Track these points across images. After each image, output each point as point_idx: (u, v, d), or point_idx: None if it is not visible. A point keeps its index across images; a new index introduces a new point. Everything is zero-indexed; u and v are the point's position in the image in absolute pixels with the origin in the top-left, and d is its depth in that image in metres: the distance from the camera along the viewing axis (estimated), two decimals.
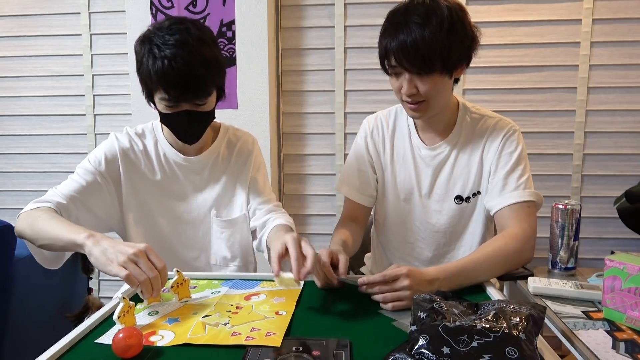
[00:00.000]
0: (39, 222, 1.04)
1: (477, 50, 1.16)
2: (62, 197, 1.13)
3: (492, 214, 1.20)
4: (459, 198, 1.25)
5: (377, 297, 0.96)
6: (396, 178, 1.31)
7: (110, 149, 1.22)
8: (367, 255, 1.53)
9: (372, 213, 1.42)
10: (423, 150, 1.27)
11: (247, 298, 0.99)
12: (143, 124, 1.29)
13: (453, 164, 1.25)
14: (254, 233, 1.29)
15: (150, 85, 1.10)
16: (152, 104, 1.16)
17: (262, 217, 1.25)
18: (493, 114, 1.28)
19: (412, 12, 1.09)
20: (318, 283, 1.06)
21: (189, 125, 1.14)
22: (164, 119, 1.16)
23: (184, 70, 1.04)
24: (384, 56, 1.15)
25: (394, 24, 1.11)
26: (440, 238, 1.29)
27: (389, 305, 0.93)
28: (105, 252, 0.89)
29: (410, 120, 1.29)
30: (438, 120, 1.25)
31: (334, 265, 1.06)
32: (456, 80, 1.20)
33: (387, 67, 1.16)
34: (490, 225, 1.30)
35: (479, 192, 1.25)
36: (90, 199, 1.17)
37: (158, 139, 1.26)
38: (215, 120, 1.27)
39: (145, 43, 1.08)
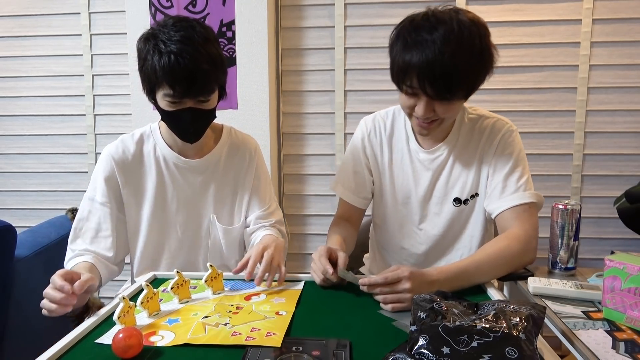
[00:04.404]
0: None
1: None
2: (85, 243, 1.18)
3: (493, 217, 1.20)
4: (457, 200, 1.24)
5: (378, 298, 0.96)
6: (394, 181, 1.29)
7: (106, 168, 1.22)
8: (366, 255, 1.53)
9: (370, 213, 1.42)
10: (421, 154, 1.25)
11: (248, 298, 0.99)
12: (140, 129, 1.28)
13: (452, 166, 1.24)
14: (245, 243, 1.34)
15: (154, 82, 1.09)
16: (153, 102, 1.16)
17: (255, 231, 1.29)
18: (490, 114, 1.26)
19: (439, 31, 1.00)
20: (317, 279, 1.06)
21: (192, 123, 1.14)
22: (167, 116, 1.15)
23: (190, 65, 1.04)
24: (402, 73, 1.06)
25: (419, 41, 1.02)
26: (438, 241, 1.27)
27: (389, 307, 0.93)
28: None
29: (408, 123, 1.27)
30: (439, 129, 1.22)
31: (333, 262, 1.06)
32: None
33: (402, 84, 1.09)
34: (490, 228, 1.29)
35: (477, 194, 1.24)
36: (111, 230, 1.20)
37: (156, 142, 1.25)
38: (217, 122, 1.27)
39: (150, 40, 1.08)
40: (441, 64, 0.99)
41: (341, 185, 1.35)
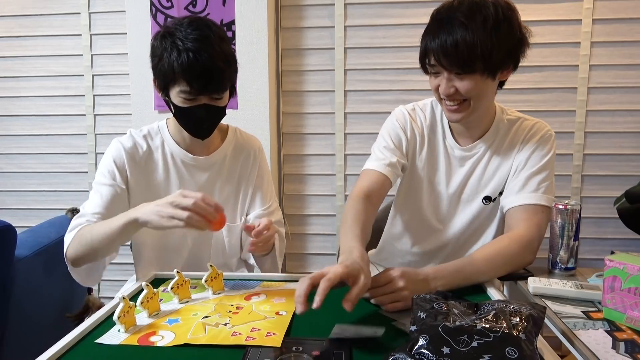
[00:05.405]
0: (86, 236, 1.07)
1: (526, 52, 1.12)
2: (92, 215, 1.13)
3: (504, 211, 1.19)
4: (487, 199, 1.23)
5: (374, 301, 0.96)
6: (427, 175, 1.27)
7: (117, 155, 1.21)
8: (371, 252, 1.52)
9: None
10: (457, 151, 1.24)
11: (248, 298, 0.99)
12: (147, 125, 1.29)
13: (486, 164, 1.23)
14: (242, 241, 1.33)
15: (170, 78, 1.11)
16: (166, 99, 1.17)
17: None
18: (529, 117, 1.26)
19: (455, 9, 1.05)
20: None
21: (206, 119, 1.17)
22: (180, 112, 1.15)
23: (208, 63, 1.07)
24: (424, 55, 1.12)
25: (437, 21, 1.08)
26: (459, 238, 1.27)
27: (388, 307, 0.93)
28: (158, 212, 0.96)
29: (445, 118, 1.25)
30: (476, 124, 1.21)
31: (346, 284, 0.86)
32: (501, 84, 1.16)
33: (426, 65, 1.13)
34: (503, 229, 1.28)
35: (502, 192, 1.23)
36: (114, 213, 1.16)
37: (165, 139, 1.26)
38: (221, 121, 1.28)
39: (167, 37, 1.10)
40: (454, 36, 1.03)
41: (370, 160, 1.26)
